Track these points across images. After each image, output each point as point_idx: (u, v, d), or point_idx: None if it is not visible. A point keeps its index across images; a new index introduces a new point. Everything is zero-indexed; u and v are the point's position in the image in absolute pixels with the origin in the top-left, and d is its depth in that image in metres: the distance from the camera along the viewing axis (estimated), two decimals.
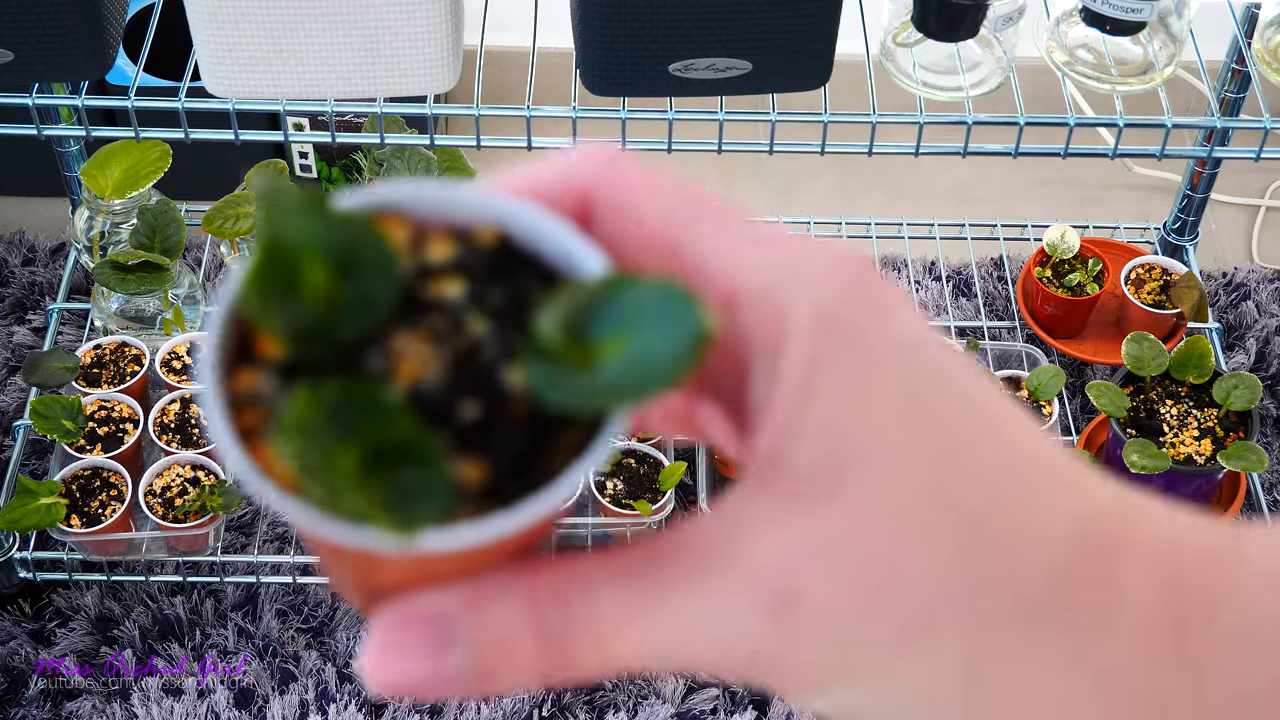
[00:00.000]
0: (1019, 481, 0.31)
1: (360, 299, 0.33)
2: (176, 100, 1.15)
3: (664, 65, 1.09)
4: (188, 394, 1.52)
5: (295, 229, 0.33)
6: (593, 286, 0.32)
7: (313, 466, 0.30)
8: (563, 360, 0.31)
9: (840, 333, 0.32)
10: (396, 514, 0.29)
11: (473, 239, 0.34)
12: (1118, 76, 1.20)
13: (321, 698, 1.44)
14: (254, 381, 0.32)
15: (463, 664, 0.31)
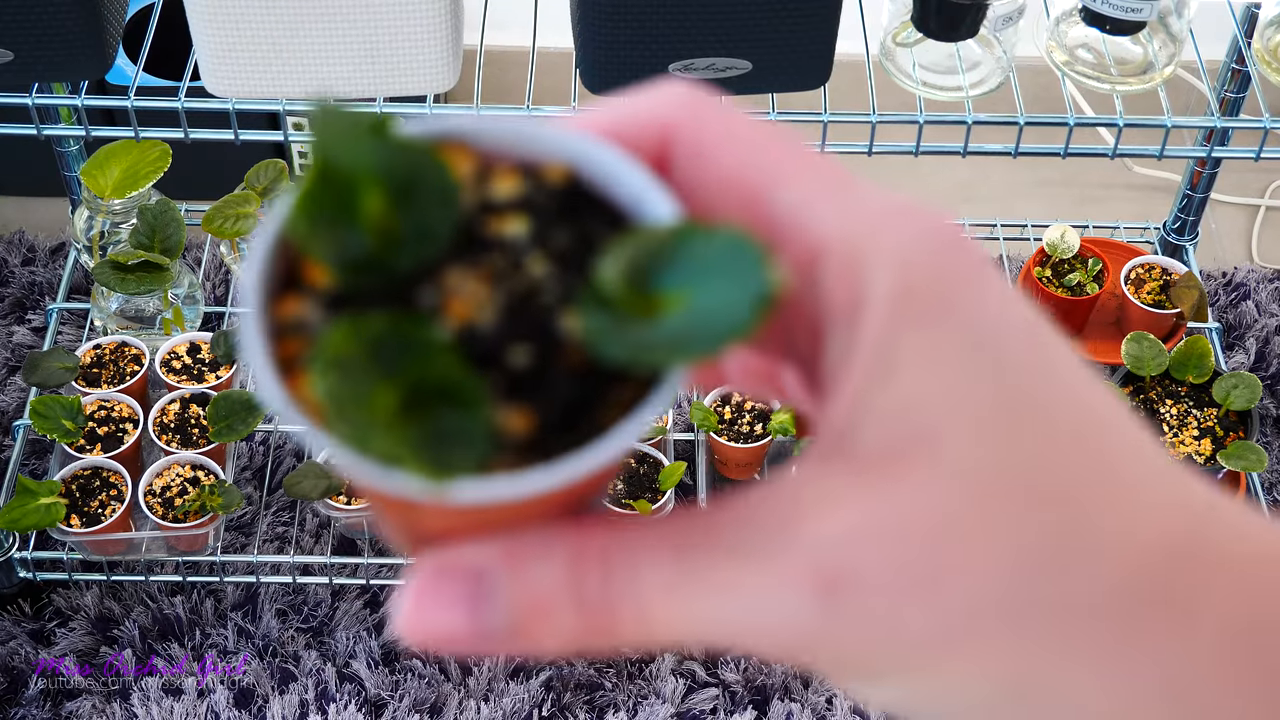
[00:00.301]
0: (1101, 478, 0.29)
1: (417, 230, 0.31)
2: (176, 100, 1.15)
3: (664, 65, 1.09)
4: (187, 394, 1.52)
5: (352, 152, 0.31)
6: (661, 234, 0.30)
7: (345, 403, 0.28)
8: (623, 309, 0.30)
9: (923, 304, 0.30)
10: (431, 459, 0.28)
11: (541, 176, 0.33)
12: (1118, 76, 1.20)
13: (321, 698, 1.44)
14: (298, 309, 0.31)
15: (498, 621, 0.30)
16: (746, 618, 0.29)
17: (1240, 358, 1.75)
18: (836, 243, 0.31)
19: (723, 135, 0.32)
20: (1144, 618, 0.28)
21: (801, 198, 0.31)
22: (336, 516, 1.48)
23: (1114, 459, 0.30)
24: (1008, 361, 0.30)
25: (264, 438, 1.59)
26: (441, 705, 1.45)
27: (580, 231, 0.32)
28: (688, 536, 0.30)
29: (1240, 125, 1.30)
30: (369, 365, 0.29)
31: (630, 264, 0.30)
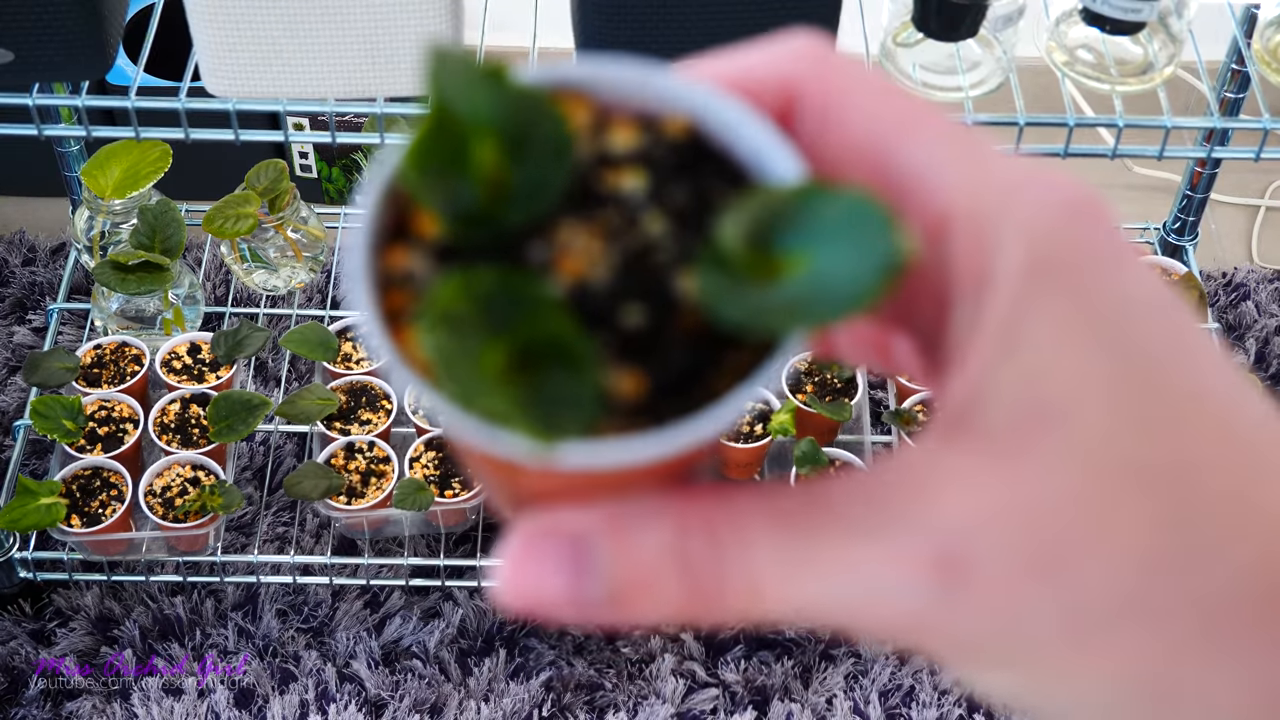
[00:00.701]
0: (1234, 464, 0.28)
1: (531, 183, 0.30)
2: (177, 100, 1.15)
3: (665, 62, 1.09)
4: (188, 394, 1.52)
5: (467, 100, 0.29)
6: (784, 194, 0.29)
7: (453, 361, 0.27)
8: (742, 271, 0.28)
9: (1055, 279, 0.28)
10: (538, 420, 0.27)
11: (660, 128, 0.31)
12: (1118, 76, 1.20)
13: (321, 698, 1.44)
14: (406, 260, 0.30)
15: (599, 589, 0.29)
16: (861, 597, 0.28)
17: (1240, 358, 1.75)
18: (965, 211, 0.29)
19: (848, 92, 0.31)
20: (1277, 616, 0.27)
21: (929, 160, 0.30)
22: (336, 517, 1.48)
23: (1246, 445, 0.28)
24: (1140, 341, 0.28)
25: (264, 438, 1.59)
26: (441, 705, 1.45)
27: (699, 188, 0.30)
28: (802, 510, 0.28)
29: (1240, 125, 1.30)
30: (478, 322, 0.27)
31: (751, 224, 0.29)
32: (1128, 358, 0.28)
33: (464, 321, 0.27)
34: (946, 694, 1.46)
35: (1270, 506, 0.27)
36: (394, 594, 1.52)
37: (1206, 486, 0.27)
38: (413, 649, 1.49)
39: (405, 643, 1.49)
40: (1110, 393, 0.28)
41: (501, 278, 0.28)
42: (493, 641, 1.49)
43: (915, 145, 0.30)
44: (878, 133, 0.31)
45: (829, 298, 0.28)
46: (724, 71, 0.32)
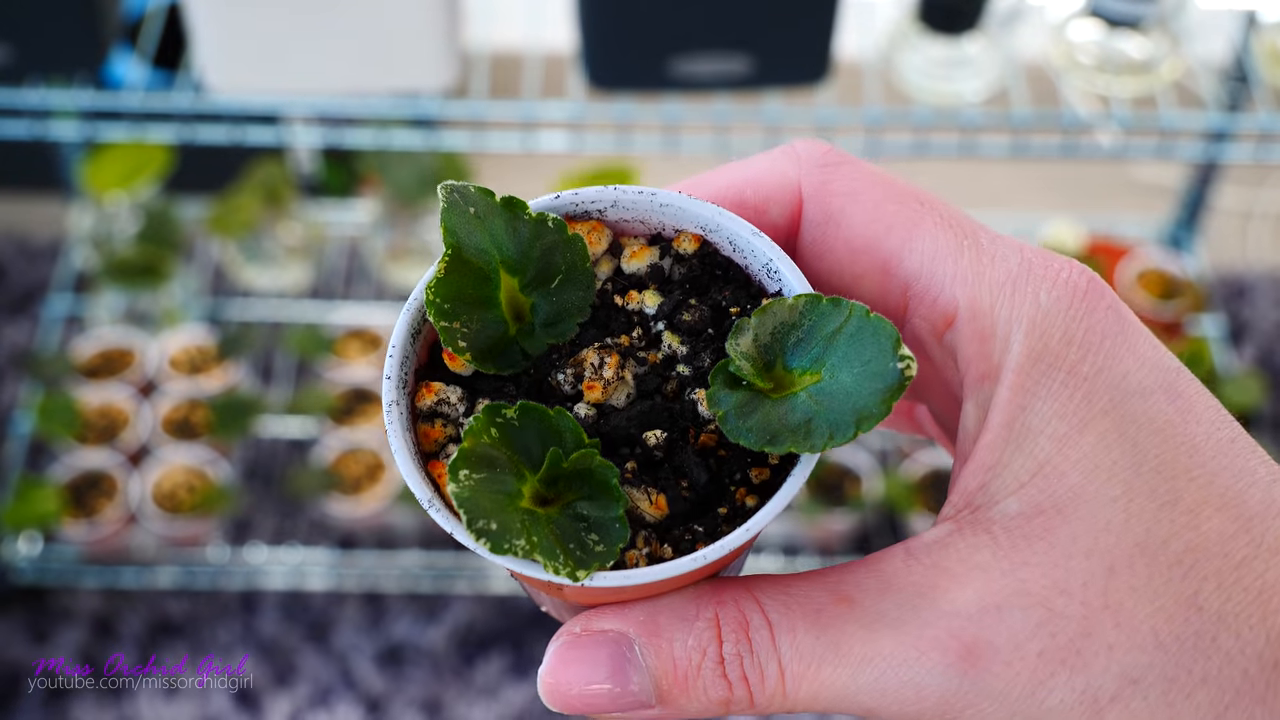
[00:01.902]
0: (1245, 550, 0.29)
1: (556, 311, 0.32)
2: (177, 99, 1.15)
3: (665, 60, 1.09)
4: (188, 394, 1.52)
5: (487, 235, 0.31)
6: (790, 310, 0.30)
7: (481, 508, 0.28)
8: (754, 389, 0.30)
9: (1057, 369, 0.30)
10: (568, 556, 0.29)
11: (673, 246, 0.33)
12: (1118, 77, 1.20)
13: (321, 698, 1.44)
14: (437, 395, 0.31)
15: (644, 685, 0.30)
16: (889, 686, 0.29)
17: (1240, 358, 1.75)
18: (967, 306, 0.31)
19: (852, 193, 0.33)
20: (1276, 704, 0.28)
21: (932, 255, 0.32)
22: (336, 516, 1.48)
23: (1253, 523, 0.29)
24: (1144, 425, 0.29)
25: (264, 437, 1.59)
26: (441, 705, 1.45)
27: (713, 303, 0.32)
28: (827, 606, 0.30)
29: (1240, 125, 1.30)
30: (506, 458, 0.29)
31: (760, 341, 0.30)
32: (1132, 445, 0.29)
33: (494, 460, 0.29)
34: None
35: (1265, 601, 0.29)
36: (394, 594, 1.52)
37: (1214, 569, 0.28)
38: (413, 649, 1.49)
39: (405, 642, 1.49)
40: (1116, 481, 0.29)
41: (525, 410, 0.29)
42: (493, 641, 1.49)
43: (917, 241, 0.32)
44: (881, 231, 0.32)
45: (836, 418, 0.29)
46: (733, 180, 0.34)
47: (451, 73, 1.11)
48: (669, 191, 0.33)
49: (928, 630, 0.29)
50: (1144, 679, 0.28)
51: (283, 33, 1.07)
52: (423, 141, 1.27)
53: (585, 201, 0.33)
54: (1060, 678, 0.28)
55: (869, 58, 1.25)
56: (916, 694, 0.29)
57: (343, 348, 1.59)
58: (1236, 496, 0.29)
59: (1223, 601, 0.28)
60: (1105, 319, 0.30)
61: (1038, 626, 0.28)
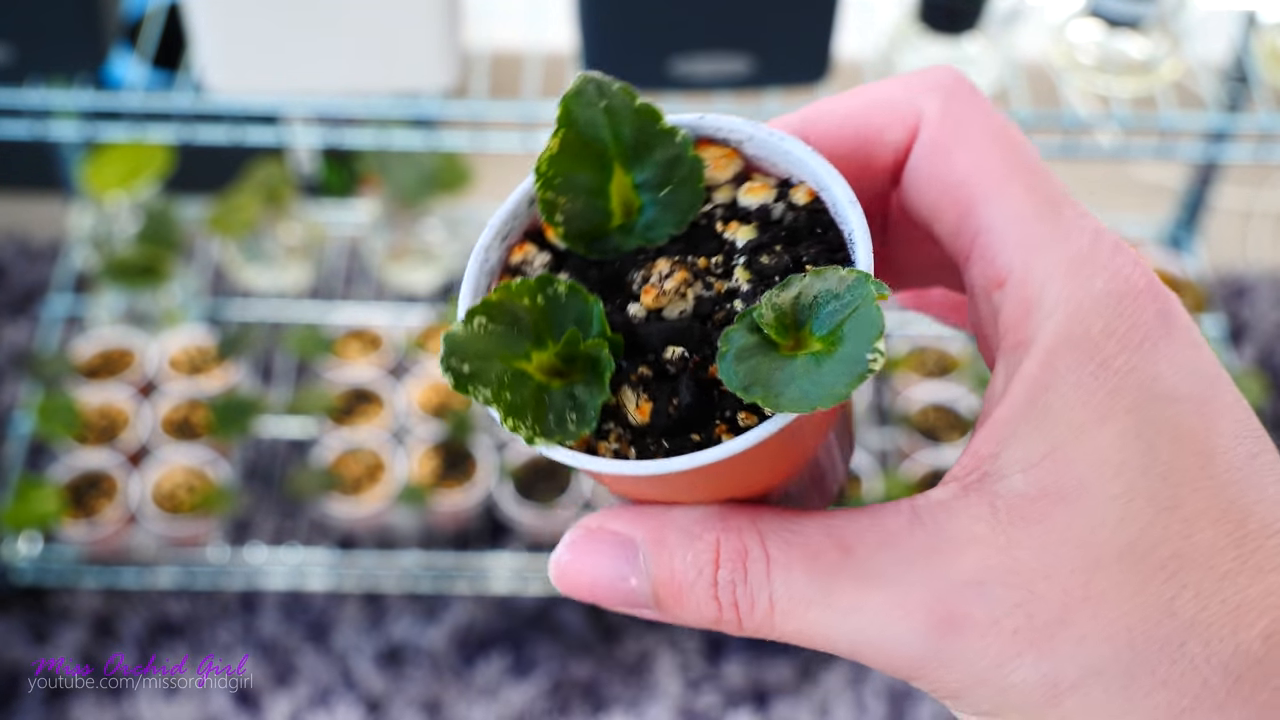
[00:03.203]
0: (1237, 568, 0.29)
1: (655, 219, 0.33)
2: (177, 99, 1.15)
3: (665, 60, 1.09)
4: (188, 394, 1.52)
5: (606, 128, 0.33)
6: (839, 282, 0.31)
7: (468, 351, 0.30)
8: (768, 341, 0.31)
9: (1090, 357, 0.30)
10: (534, 421, 0.31)
11: (790, 192, 0.34)
12: (1118, 77, 1.20)
13: (321, 698, 1.44)
14: (525, 255, 0.34)
15: (643, 588, 0.32)
16: (868, 637, 0.31)
17: (1241, 358, 1.75)
18: (1021, 276, 0.31)
19: (965, 132, 0.33)
20: (1250, 699, 0.29)
21: (1006, 218, 0.32)
22: (336, 516, 1.48)
23: (1253, 542, 0.29)
24: (1166, 430, 0.30)
25: (264, 437, 1.59)
26: (441, 706, 1.45)
27: (793, 255, 0.33)
28: (825, 552, 0.31)
29: (1240, 125, 1.30)
30: (538, 323, 0.31)
31: (800, 299, 0.31)
32: (1147, 446, 0.30)
33: (518, 320, 0.31)
34: None
35: (1250, 605, 0.29)
36: (394, 594, 1.52)
37: (1196, 578, 0.29)
38: (413, 649, 1.49)
39: (405, 642, 1.49)
40: (1121, 480, 0.29)
41: (572, 289, 0.32)
42: (493, 641, 1.49)
43: (1002, 195, 0.32)
44: (976, 177, 0.33)
45: (809, 389, 0.30)
46: (864, 100, 0.35)
47: (451, 73, 1.11)
48: (796, 140, 0.34)
49: (914, 592, 0.30)
50: (1107, 671, 0.29)
51: (283, 33, 1.07)
52: (423, 141, 1.27)
53: (725, 129, 0.34)
54: (1027, 657, 0.29)
55: (869, 58, 1.25)
56: (892, 649, 0.30)
57: (343, 348, 1.59)
58: (1239, 512, 0.30)
59: (1197, 610, 0.29)
60: (1152, 320, 0.31)
61: (1017, 606, 0.29)
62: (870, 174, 0.35)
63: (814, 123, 0.35)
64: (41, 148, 1.60)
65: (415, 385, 1.55)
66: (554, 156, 0.33)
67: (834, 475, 0.38)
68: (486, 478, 1.48)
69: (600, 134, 0.33)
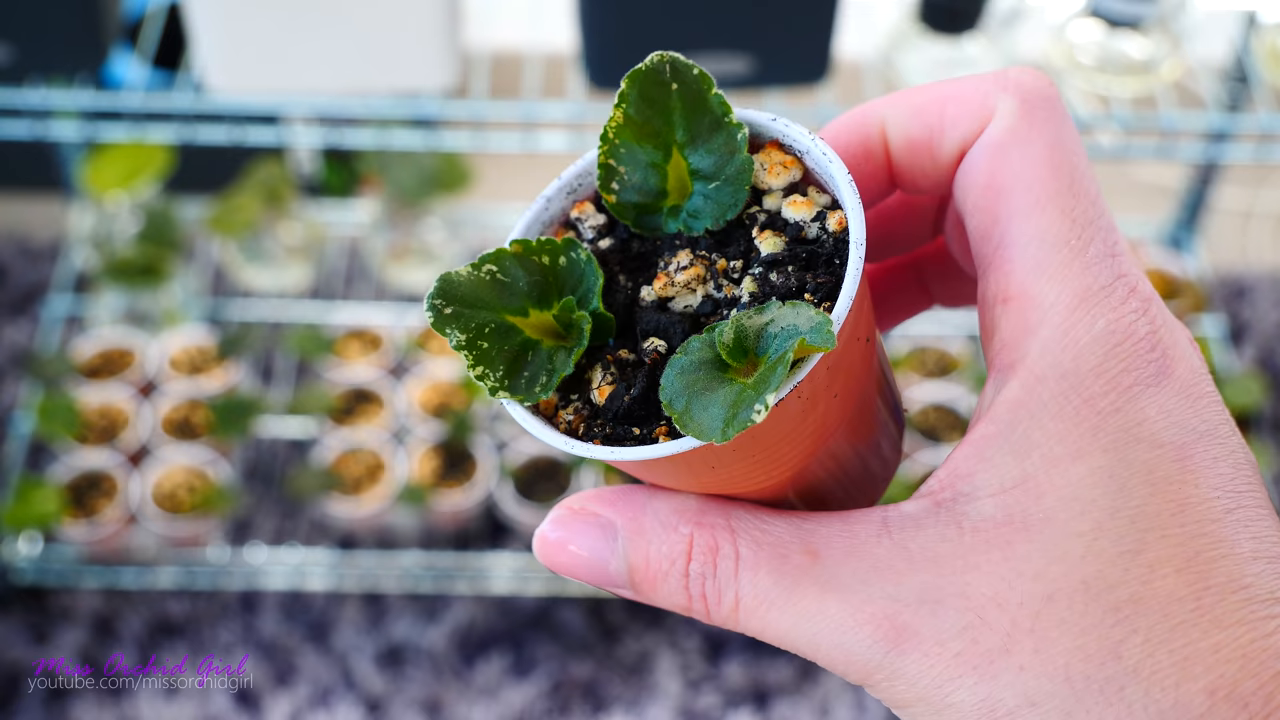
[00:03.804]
0: (1193, 620, 0.29)
1: (698, 208, 0.34)
2: (177, 99, 1.15)
3: None
4: (188, 394, 1.52)
5: (675, 109, 0.34)
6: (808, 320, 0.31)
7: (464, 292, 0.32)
8: (718, 360, 0.32)
9: (1075, 393, 0.30)
10: (498, 375, 0.32)
11: (828, 215, 0.34)
12: (1118, 77, 1.20)
13: (321, 698, 1.44)
14: (583, 212, 0.35)
15: (619, 569, 0.33)
16: (821, 642, 0.31)
17: (1241, 358, 1.75)
18: (1027, 301, 0.32)
19: (1022, 142, 0.33)
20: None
21: (1032, 238, 0.32)
22: (336, 516, 1.48)
23: (1204, 596, 0.29)
24: (1140, 474, 0.30)
25: (264, 437, 1.59)
26: (441, 706, 1.45)
27: (802, 277, 0.33)
28: (793, 554, 0.32)
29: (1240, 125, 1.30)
30: (550, 282, 0.33)
31: (757, 328, 0.32)
32: (1119, 489, 0.30)
33: (530, 273, 0.32)
34: None
35: (1212, 657, 0.29)
36: (394, 594, 1.52)
37: (1147, 625, 0.29)
38: (413, 649, 1.49)
39: (405, 643, 1.49)
40: (1088, 518, 0.30)
41: (589, 259, 0.33)
42: (493, 641, 1.49)
43: (1037, 217, 0.32)
44: (1020, 188, 0.33)
45: (714, 420, 0.30)
46: (938, 94, 0.35)
47: (452, 73, 1.11)
48: (840, 165, 0.33)
49: (869, 606, 0.31)
50: (1043, 705, 0.29)
51: (283, 33, 1.07)
52: (423, 141, 1.27)
53: (792, 136, 0.34)
54: (967, 680, 0.30)
55: (869, 58, 1.25)
56: (844, 656, 0.31)
57: (343, 348, 1.59)
58: (1204, 564, 0.29)
59: (1143, 656, 0.29)
60: (1146, 367, 0.31)
61: (964, 630, 0.30)
62: (935, 168, 0.35)
63: (886, 112, 0.35)
64: (41, 148, 1.60)
65: (415, 385, 1.55)
66: (620, 127, 0.34)
67: (869, 478, 0.37)
68: (487, 478, 1.48)
69: (667, 114, 0.34)
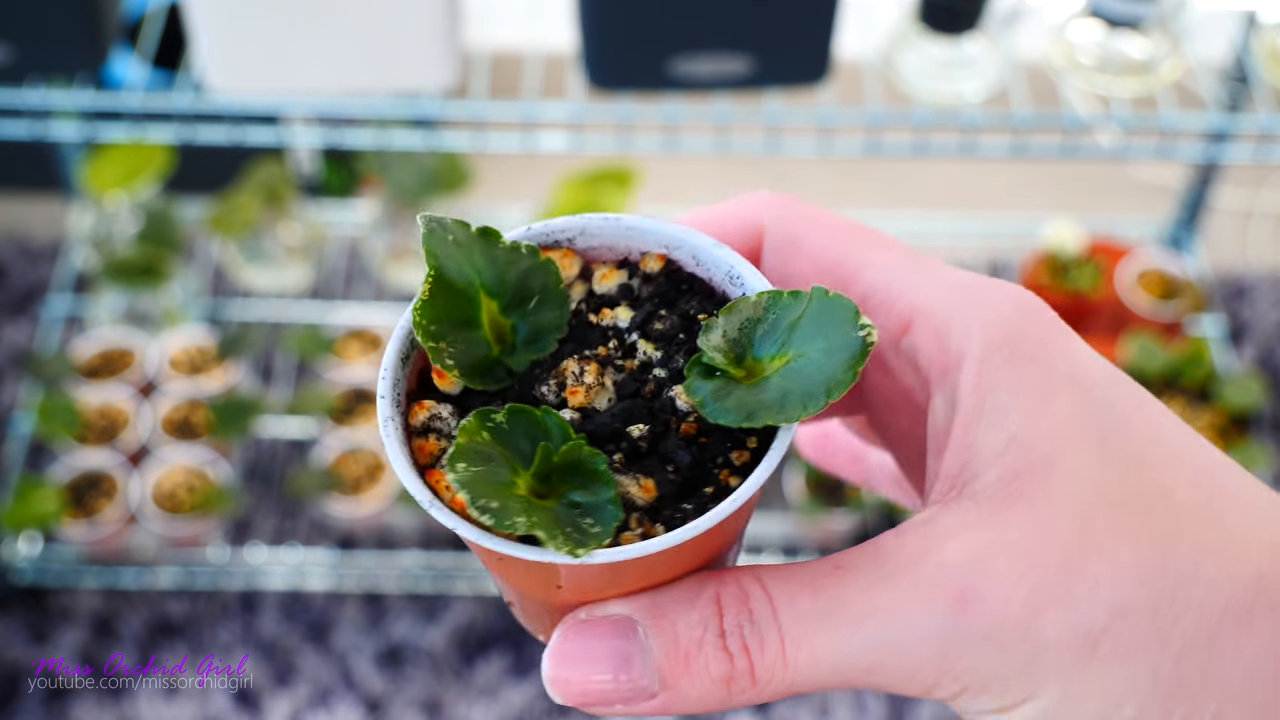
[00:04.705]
0: (1205, 496, 0.31)
1: (534, 330, 0.34)
2: (177, 99, 1.15)
3: (666, 60, 1.09)
4: (188, 394, 1.52)
5: (466, 263, 0.33)
6: (754, 304, 0.33)
7: (481, 490, 0.30)
8: (728, 377, 0.32)
9: (1016, 353, 0.32)
10: (566, 535, 0.30)
11: (639, 266, 0.36)
12: (1118, 77, 1.20)
13: (321, 698, 1.44)
14: (428, 412, 0.33)
15: (647, 670, 0.31)
16: (883, 640, 0.30)
17: (1241, 358, 1.75)
18: (925, 310, 0.33)
19: (811, 224, 0.35)
20: (1264, 618, 0.29)
21: (887, 273, 0.34)
22: (336, 516, 1.48)
23: (1208, 476, 0.31)
24: (1105, 404, 0.31)
25: (264, 437, 1.59)
26: (441, 706, 1.45)
27: (680, 312, 0.35)
28: (823, 574, 0.31)
29: (1240, 125, 1.30)
30: (501, 454, 0.31)
31: (729, 336, 0.32)
32: (1098, 417, 0.31)
33: (489, 455, 0.31)
34: None
35: (1244, 530, 0.30)
36: (394, 594, 1.52)
37: (1186, 514, 0.30)
38: (413, 649, 1.49)
39: (405, 643, 1.49)
40: (1084, 445, 0.31)
41: (513, 413, 0.31)
42: (493, 641, 1.49)
43: (875, 261, 0.34)
44: (839, 252, 0.35)
45: (809, 389, 0.31)
46: (698, 217, 0.37)
47: (451, 73, 1.11)
48: (634, 215, 0.36)
49: (921, 582, 0.30)
50: (1131, 609, 0.29)
51: (283, 33, 1.07)
52: (423, 141, 1.27)
53: (555, 231, 0.36)
54: (1050, 614, 0.29)
55: (869, 58, 1.25)
56: (914, 643, 0.30)
57: (343, 348, 1.59)
58: (1191, 457, 0.31)
59: (1199, 539, 0.30)
60: (1054, 326, 0.33)
61: (1024, 571, 0.30)
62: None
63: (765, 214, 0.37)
64: (41, 148, 1.60)
65: None
66: (425, 304, 0.33)
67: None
68: None
69: (459, 268, 0.33)
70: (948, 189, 1.99)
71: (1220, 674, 0.29)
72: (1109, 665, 0.29)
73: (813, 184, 1.99)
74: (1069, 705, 0.30)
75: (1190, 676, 0.29)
